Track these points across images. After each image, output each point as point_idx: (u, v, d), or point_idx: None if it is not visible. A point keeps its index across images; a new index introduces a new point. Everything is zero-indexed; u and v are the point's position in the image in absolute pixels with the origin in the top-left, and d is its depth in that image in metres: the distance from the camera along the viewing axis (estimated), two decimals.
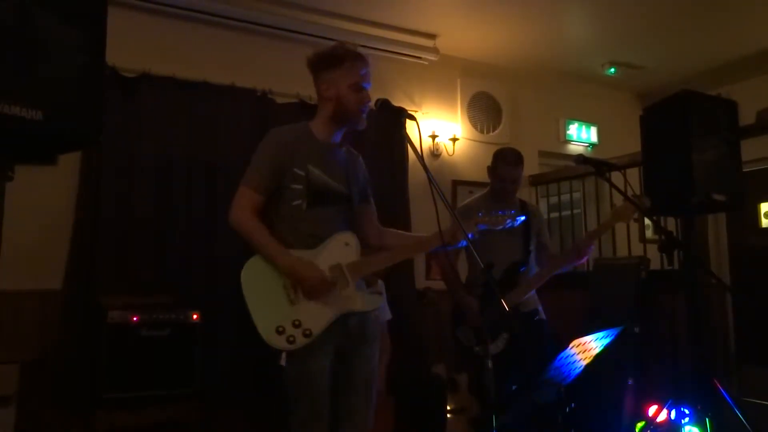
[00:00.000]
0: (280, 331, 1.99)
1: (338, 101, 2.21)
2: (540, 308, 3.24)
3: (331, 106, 2.23)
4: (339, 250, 2.16)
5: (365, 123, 2.28)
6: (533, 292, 3.21)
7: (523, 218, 2.41)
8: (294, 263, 2.08)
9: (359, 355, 2.20)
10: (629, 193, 2.76)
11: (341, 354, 2.15)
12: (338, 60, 2.22)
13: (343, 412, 2.15)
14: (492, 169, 3.30)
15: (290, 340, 1.99)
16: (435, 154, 5.21)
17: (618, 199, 3.39)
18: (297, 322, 2.01)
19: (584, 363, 2.48)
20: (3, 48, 1.28)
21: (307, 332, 2.01)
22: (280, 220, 2.18)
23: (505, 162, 3.24)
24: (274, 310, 2.02)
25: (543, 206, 5.71)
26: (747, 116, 3.77)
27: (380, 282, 3.67)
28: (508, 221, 2.34)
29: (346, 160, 2.32)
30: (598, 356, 2.47)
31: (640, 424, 3.06)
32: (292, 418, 2.07)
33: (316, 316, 2.05)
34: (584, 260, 3.13)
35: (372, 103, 2.25)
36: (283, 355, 1.99)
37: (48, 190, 3.71)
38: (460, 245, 2.33)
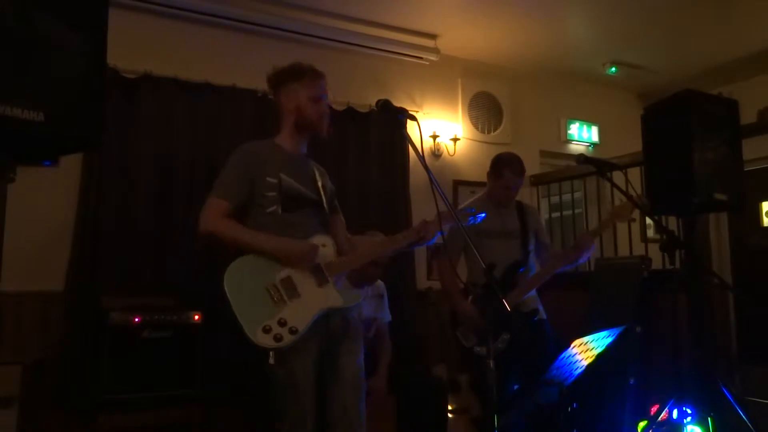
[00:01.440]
0: (266, 330, 2.02)
1: (299, 112, 2.33)
2: (540, 308, 3.24)
3: (292, 117, 2.36)
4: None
5: (326, 131, 2.40)
6: (534, 291, 3.22)
7: (483, 215, 2.49)
8: (281, 243, 2.16)
9: (344, 352, 2.25)
10: (630, 192, 2.76)
11: (325, 353, 2.19)
12: (299, 74, 2.36)
13: (335, 410, 2.19)
14: (495, 175, 3.27)
15: (278, 338, 2.02)
16: (436, 154, 5.21)
17: (619, 199, 3.38)
18: (282, 321, 2.05)
19: (586, 363, 2.48)
20: (4, 50, 1.28)
21: (294, 329, 2.05)
22: (258, 228, 2.22)
23: (512, 170, 3.23)
24: (259, 310, 2.05)
25: (544, 206, 5.71)
26: (748, 115, 3.76)
27: (381, 283, 3.67)
28: (470, 218, 2.45)
29: (313, 171, 2.41)
30: (599, 356, 2.47)
31: (642, 424, 3.05)
32: (278, 418, 2.11)
33: (301, 314, 2.09)
34: (585, 258, 3.13)
35: (373, 104, 2.33)
36: (272, 353, 2.01)
37: (49, 192, 3.72)
38: (430, 243, 2.37)
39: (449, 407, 3.31)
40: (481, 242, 3.05)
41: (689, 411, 2.77)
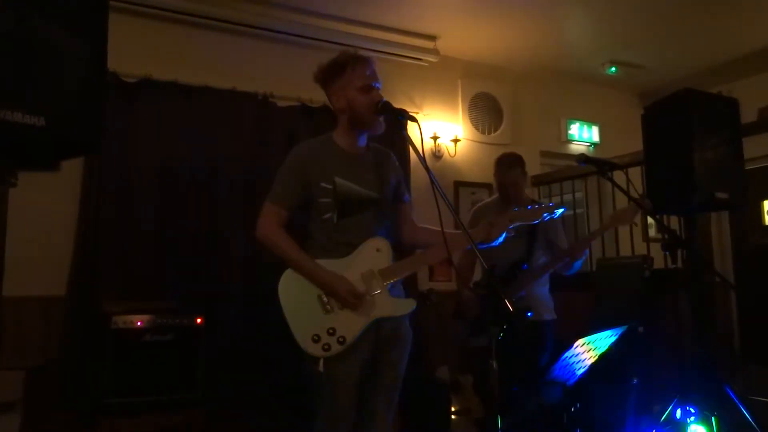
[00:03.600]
0: (315, 339, 2.01)
1: (350, 109, 2.19)
2: (549, 308, 3.22)
3: (345, 115, 2.22)
4: (371, 256, 2.17)
5: (383, 126, 2.23)
6: (546, 294, 3.20)
7: (562, 210, 2.38)
8: (324, 278, 2.09)
9: (387, 359, 2.20)
10: (631, 192, 2.75)
11: (372, 358, 2.15)
12: (340, 67, 2.20)
13: (365, 413, 2.16)
14: (494, 175, 3.37)
15: (326, 348, 2.01)
16: (437, 155, 5.21)
17: (620, 198, 3.36)
18: (332, 330, 2.04)
19: (589, 363, 2.48)
20: (5, 56, 1.28)
21: (342, 339, 2.03)
22: (314, 232, 2.19)
23: (501, 165, 3.30)
24: (310, 318, 2.05)
25: None
26: (748, 114, 3.76)
27: None
28: (545, 214, 2.32)
29: (375, 163, 2.30)
30: (602, 356, 2.47)
31: (645, 424, 3.05)
32: (317, 418, 2.09)
33: (350, 324, 2.07)
34: (579, 262, 3.08)
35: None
36: (321, 361, 2.01)
37: (51, 196, 3.72)
38: (494, 244, 2.28)
39: (452, 408, 3.32)
40: None
41: (692, 410, 2.77)
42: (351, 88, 2.18)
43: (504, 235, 2.25)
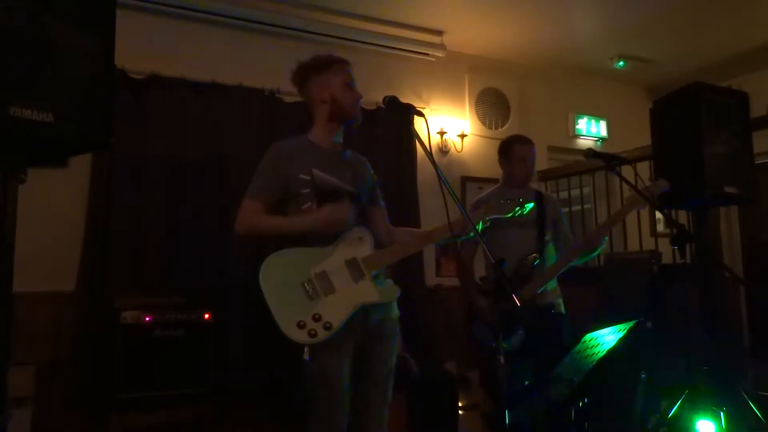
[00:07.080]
0: (301, 326, 2.01)
1: (333, 101, 2.29)
2: (561, 301, 3.17)
3: (327, 108, 2.31)
4: (353, 244, 2.20)
5: (361, 117, 2.37)
6: (556, 285, 3.15)
7: (530, 205, 2.40)
8: (313, 216, 2.15)
9: (377, 352, 2.22)
10: (639, 186, 2.74)
11: (360, 352, 2.17)
12: (327, 63, 2.33)
13: (359, 406, 2.18)
14: (506, 154, 3.26)
15: (311, 334, 2.00)
16: (443, 150, 5.21)
17: (628, 194, 3.34)
18: (317, 316, 2.03)
19: (596, 358, 2.47)
20: (15, 52, 1.29)
21: (328, 325, 2.03)
22: None
23: (519, 142, 3.24)
24: (294, 305, 2.04)
25: None
26: (758, 108, 3.73)
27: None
28: (517, 208, 2.35)
29: (351, 164, 2.37)
30: (610, 351, 2.46)
31: (653, 419, 3.04)
32: (310, 415, 2.09)
33: (336, 309, 2.07)
34: (597, 250, 3.03)
35: (380, 101, 2.31)
36: (306, 349, 2.00)
37: (60, 193, 3.74)
38: (470, 236, 2.32)
39: (460, 404, 3.32)
40: (494, 232, 2.98)
41: (701, 405, 2.76)
42: (335, 82, 2.30)
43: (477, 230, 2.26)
